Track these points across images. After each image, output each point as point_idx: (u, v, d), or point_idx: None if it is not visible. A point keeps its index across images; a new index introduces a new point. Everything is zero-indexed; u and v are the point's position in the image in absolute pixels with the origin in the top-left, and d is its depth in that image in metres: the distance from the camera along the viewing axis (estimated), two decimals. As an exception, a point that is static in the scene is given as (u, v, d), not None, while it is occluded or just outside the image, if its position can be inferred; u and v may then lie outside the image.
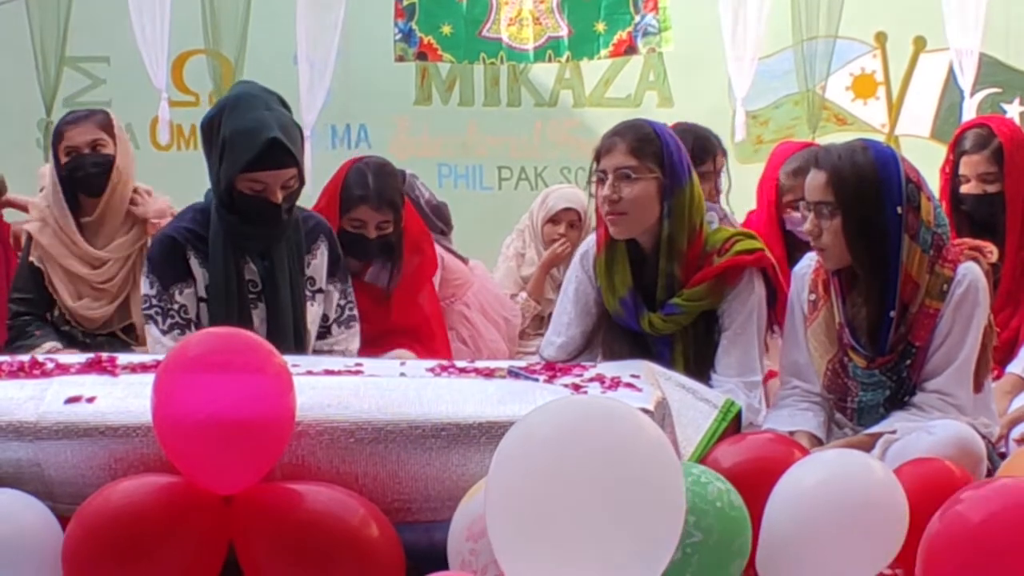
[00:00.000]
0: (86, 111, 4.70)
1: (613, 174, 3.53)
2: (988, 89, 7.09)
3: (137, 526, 2.59)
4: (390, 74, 7.39)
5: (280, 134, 3.53)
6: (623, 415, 2.22)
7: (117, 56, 7.38)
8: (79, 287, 4.47)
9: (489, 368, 3.22)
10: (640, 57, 7.34)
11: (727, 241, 3.59)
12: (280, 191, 3.59)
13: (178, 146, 7.49)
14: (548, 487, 2.15)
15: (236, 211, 3.62)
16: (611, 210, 3.53)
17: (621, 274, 3.59)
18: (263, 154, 3.53)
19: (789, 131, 7.14)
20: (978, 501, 2.29)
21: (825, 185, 3.36)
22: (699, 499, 2.44)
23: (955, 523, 2.28)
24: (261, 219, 3.63)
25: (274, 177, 3.58)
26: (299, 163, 3.62)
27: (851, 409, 3.49)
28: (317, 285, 3.78)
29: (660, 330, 3.56)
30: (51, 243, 4.46)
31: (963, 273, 3.39)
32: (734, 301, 3.56)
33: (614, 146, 3.55)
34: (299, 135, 3.68)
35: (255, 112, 3.57)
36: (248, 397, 2.60)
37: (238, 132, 3.55)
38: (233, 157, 3.55)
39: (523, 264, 5.50)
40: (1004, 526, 2.23)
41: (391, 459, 2.76)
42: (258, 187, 3.58)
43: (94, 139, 4.49)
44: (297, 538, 2.60)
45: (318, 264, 3.79)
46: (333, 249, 3.84)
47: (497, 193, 7.55)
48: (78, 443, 2.75)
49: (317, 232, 3.81)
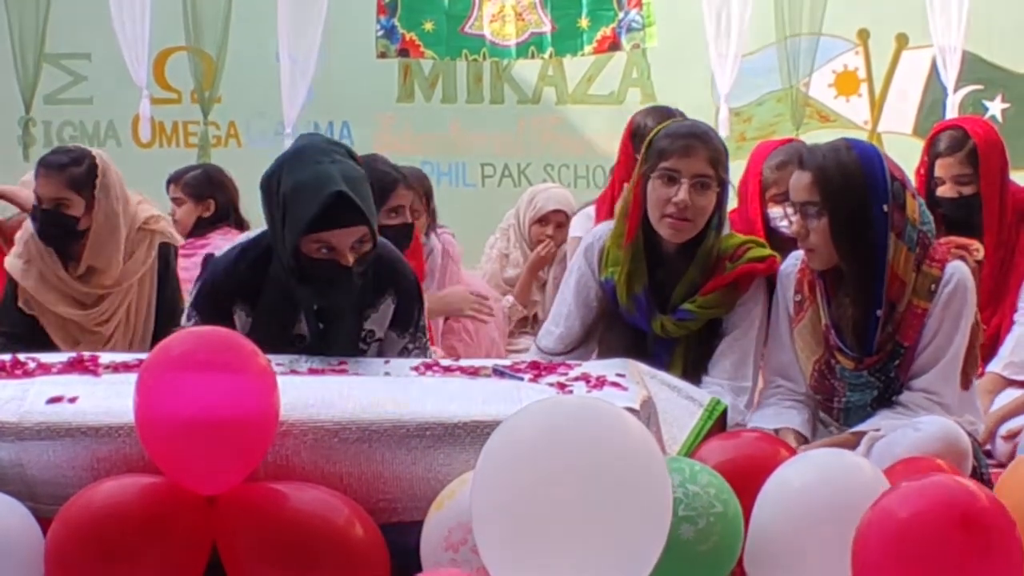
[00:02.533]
0: (69, 159, 4.24)
1: (690, 180, 3.47)
2: (971, 86, 7.12)
3: (120, 527, 2.57)
4: (372, 71, 7.40)
5: (346, 187, 3.12)
6: (609, 415, 2.21)
7: (98, 53, 7.38)
8: (72, 332, 4.24)
9: (474, 367, 3.20)
10: (623, 54, 7.35)
11: (739, 248, 3.57)
12: (351, 253, 3.18)
13: (160, 143, 7.48)
14: (535, 487, 2.14)
15: (304, 278, 3.23)
16: (680, 215, 3.47)
17: (639, 272, 3.56)
18: (327, 210, 3.11)
19: (772, 128, 7.16)
20: (907, 496, 2.31)
21: (810, 185, 3.36)
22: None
23: (884, 517, 2.30)
24: (331, 285, 3.24)
25: (342, 237, 3.16)
26: (370, 221, 3.19)
27: (838, 410, 3.48)
28: (376, 336, 3.44)
29: (670, 333, 3.55)
30: (37, 287, 4.22)
31: (951, 272, 3.39)
32: (740, 308, 3.56)
33: (694, 150, 3.49)
34: (368, 188, 3.25)
35: (318, 166, 3.18)
36: (232, 397, 2.58)
37: (299, 188, 3.16)
38: (295, 216, 3.15)
39: (507, 265, 5.50)
40: (930, 522, 2.24)
41: (376, 459, 2.74)
42: (325, 249, 3.18)
43: (57, 197, 4.17)
44: (281, 538, 2.59)
45: (379, 317, 3.42)
46: (403, 305, 3.44)
47: (480, 190, 7.57)
48: (60, 443, 2.73)
49: (386, 286, 3.40)
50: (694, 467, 2.57)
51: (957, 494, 2.29)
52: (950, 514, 2.25)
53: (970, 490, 2.30)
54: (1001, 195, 4.29)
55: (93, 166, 4.23)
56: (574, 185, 7.18)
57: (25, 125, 7.26)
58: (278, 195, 3.19)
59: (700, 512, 2.48)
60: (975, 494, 2.29)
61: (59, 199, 4.18)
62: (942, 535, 2.23)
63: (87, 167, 4.22)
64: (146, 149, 7.25)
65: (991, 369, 4.19)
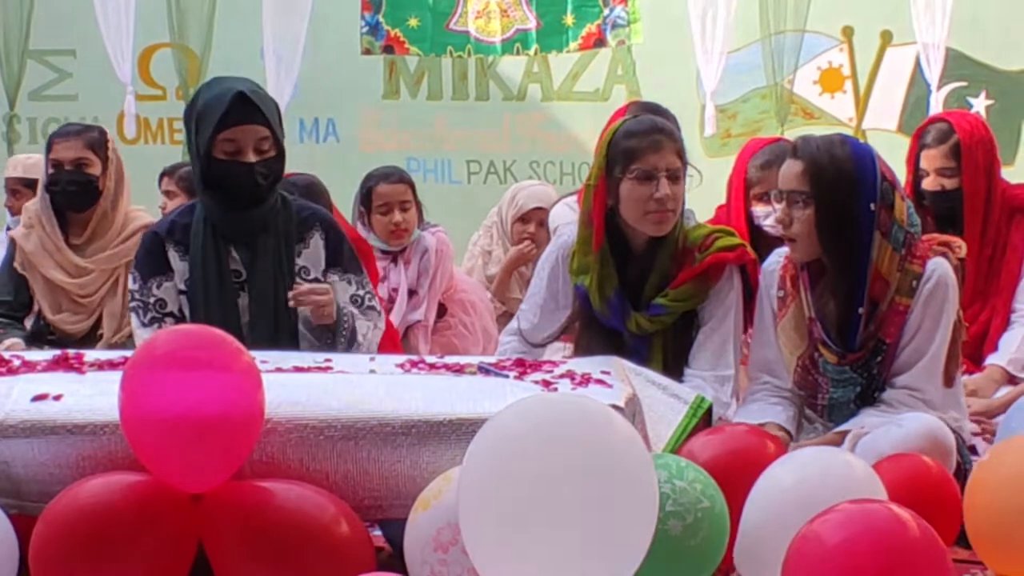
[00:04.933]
0: (82, 126, 4.60)
1: (666, 174, 3.50)
2: (954, 83, 7.13)
3: (105, 525, 2.57)
4: (358, 67, 7.38)
5: (247, 92, 3.52)
6: (596, 412, 2.22)
7: (83, 50, 7.35)
8: (59, 298, 4.42)
9: (459, 364, 3.21)
10: (608, 51, 7.35)
11: (707, 237, 3.59)
12: (253, 154, 3.53)
13: (145, 140, 7.47)
14: (521, 485, 2.15)
15: (214, 182, 3.56)
16: (663, 208, 3.50)
17: (609, 275, 3.58)
18: (231, 109, 3.49)
19: (757, 125, 7.16)
20: (834, 524, 2.25)
21: (801, 174, 3.36)
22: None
23: (811, 543, 2.26)
24: (238, 186, 3.55)
25: (244, 134, 3.52)
26: (272, 127, 3.56)
27: (821, 406, 3.49)
28: (312, 275, 3.67)
29: (646, 330, 3.56)
30: (34, 250, 4.41)
31: (932, 268, 3.39)
32: (714, 297, 3.57)
33: (663, 145, 3.52)
34: (274, 106, 3.64)
35: (225, 83, 3.59)
36: (216, 394, 2.58)
37: (208, 100, 3.55)
38: (205, 123, 3.52)
39: (490, 262, 5.50)
40: (857, 551, 2.20)
41: (361, 456, 2.75)
42: (231, 148, 3.52)
43: (78, 157, 4.41)
44: (267, 536, 2.59)
45: (311, 253, 3.68)
46: (333, 239, 3.72)
47: (466, 187, 7.55)
48: (45, 441, 2.73)
49: (311, 222, 3.71)
50: (680, 463, 2.58)
51: (888, 522, 2.22)
52: (880, 543, 2.19)
53: (901, 519, 2.23)
54: (988, 191, 4.28)
55: (103, 132, 4.58)
56: (560, 182, 7.18)
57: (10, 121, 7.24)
58: (192, 115, 3.58)
59: (687, 508, 2.49)
60: (906, 523, 2.22)
61: (80, 159, 4.42)
62: (870, 564, 2.17)
63: (99, 132, 4.56)
64: (131, 145, 7.21)
65: (994, 361, 4.18)
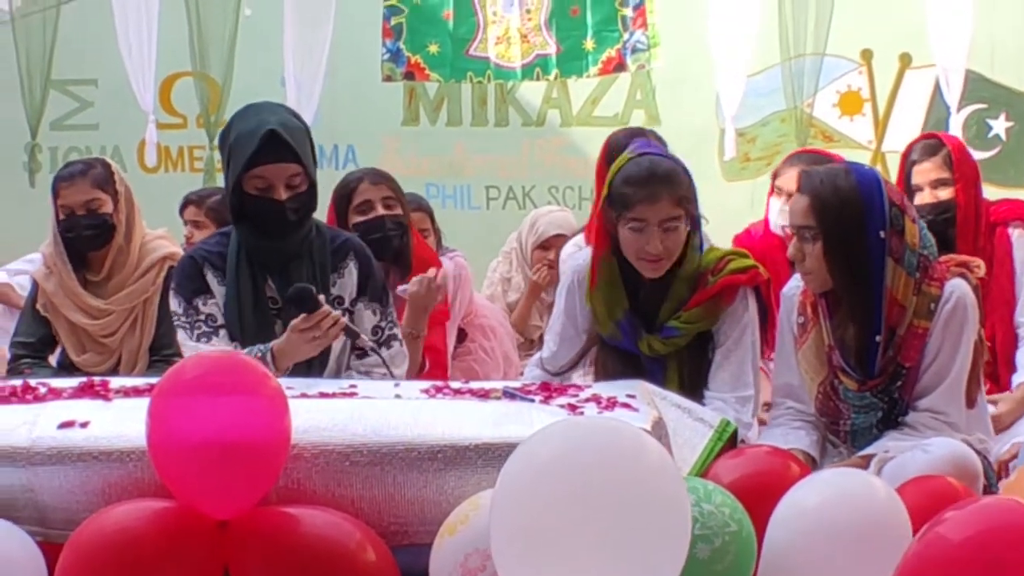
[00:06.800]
0: (82, 165, 4.44)
1: (659, 226, 3.47)
2: (974, 105, 7.11)
3: (132, 552, 2.57)
4: (378, 94, 7.39)
5: (279, 128, 3.51)
6: (628, 435, 2.21)
7: (104, 79, 7.38)
8: (82, 340, 4.38)
9: (484, 389, 3.21)
10: (628, 75, 7.35)
11: (720, 260, 3.60)
12: (284, 190, 3.54)
13: (166, 168, 7.49)
14: (554, 509, 2.14)
15: (246, 216, 3.59)
16: (656, 258, 3.50)
17: (618, 298, 3.58)
18: (262, 148, 3.49)
19: (776, 148, 7.15)
20: (959, 521, 2.23)
21: (807, 209, 3.36)
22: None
23: (935, 544, 2.23)
24: (269, 221, 3.57)
25: (275, 172, 3.53)
26: (303, 162, 3.56)
27: (844, 432, 3.47)
28: (346, 304, 3.67)
29: (658, 352, 3.57)
30: (55, 292, 4.36)
31: (950, 290, 3.37)
32: (728, 319, 3.57)
33: (658, 196, 3.47)
34: (305, 138, 3.63)
35: (259, 117, 3.58)
36: (243, 420, 2.58)
37: (241, 134, 3.55)
38: (237, 156, 3.54)
39: (509, 290, 5.50)
40: (984, 547, 2.18)
41: (387, 482, 2.75)
42: (262, 184, 3.54)
43: (89, 199, 4.32)
44: (293, 563, 2.59)
45: (345, 282, 3.68)
46: (365, 268, 3.72)
47: (485, 212, 7.56)
48: (71, 468, 2.73)
49: (346, 250, 3.71)
50: (708, 487, 2.57)
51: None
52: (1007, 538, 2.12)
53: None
54: (976, 204, 4.30)
55: (107, 165, 4.44)
56: (579, 207, 7.17)
57: (31, 151, 7.26)
58: (226, 145, 3.60)
59: (715, 531, 2.48)
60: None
61: (91, 201, 4.33)
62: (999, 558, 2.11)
63: (103, 167, 4.41)
64: (152, 174, 7.25)
65: (1022, 380, 4.17)
